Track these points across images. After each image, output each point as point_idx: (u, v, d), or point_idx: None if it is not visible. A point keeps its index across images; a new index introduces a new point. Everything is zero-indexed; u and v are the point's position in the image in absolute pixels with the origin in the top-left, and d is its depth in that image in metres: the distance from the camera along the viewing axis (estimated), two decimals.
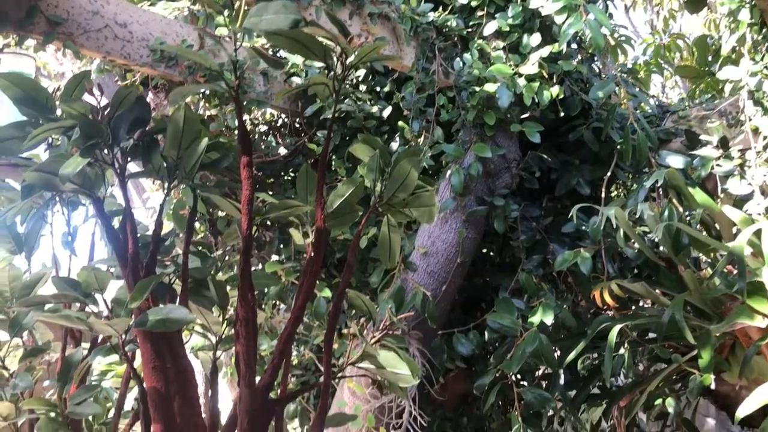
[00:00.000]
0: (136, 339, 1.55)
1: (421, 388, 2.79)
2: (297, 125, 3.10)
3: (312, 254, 1.46)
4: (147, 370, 1.38)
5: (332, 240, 3.07)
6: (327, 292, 2.63)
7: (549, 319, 2.55)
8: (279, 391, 1.45)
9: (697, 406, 2.88)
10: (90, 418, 2.21)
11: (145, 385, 1.37)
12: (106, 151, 1.39)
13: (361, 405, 2.55)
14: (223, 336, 1.74)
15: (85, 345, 1.88)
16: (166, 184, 1.53)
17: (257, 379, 1.40)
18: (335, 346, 2.61)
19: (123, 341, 1.26)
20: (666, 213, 2.57)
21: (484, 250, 3.21)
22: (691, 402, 2.68)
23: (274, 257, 3.14)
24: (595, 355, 3.08)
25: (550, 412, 3.30)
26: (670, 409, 2.63)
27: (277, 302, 2.84)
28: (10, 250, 1.90)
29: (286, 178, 3.15)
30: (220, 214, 2.88)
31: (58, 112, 1.53)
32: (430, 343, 2.74)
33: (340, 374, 1.43)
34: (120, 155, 1.46)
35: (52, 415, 1.62)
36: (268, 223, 3.18)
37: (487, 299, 3.22)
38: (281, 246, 3.00)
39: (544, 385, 2.79)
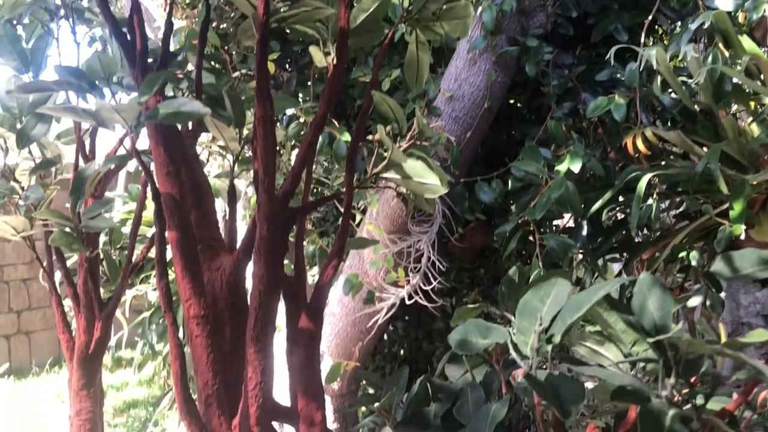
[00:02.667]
0: (148, 152, 1.48)
1: (440, 237, 2.76)
2: None
3: (335, 61, 1.35)
4: (161, 176, 1.31)
5: (351, 86, 2.95)
6: (347, 136, 2.54)
7: (576, 167, 2.45)
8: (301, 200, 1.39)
9: None
10: (108, 245, 2.20)
11: (160, 190, 1.31)
12: None
13: (380, 247, 2.52)
14: (240, 157, 1.67)
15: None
16: None
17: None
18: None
19: (134, 140, 1.18)
20: (710, 57, 2.41)
21: (511, 101, 3.08)
22: (717, 252, 2.62)
23: None
24: (621, 213, 3.02)
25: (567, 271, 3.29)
26: (694, 262, 2.58)
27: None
28: (15, 68, 1.81)
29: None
30: (234, 53, 2.74)
31: None
32: (451, 190, 2.67)
33: (362, 185, 1.36)
34: None
35: (67, 230, 1.59)
36: (287, 66, 3.04)
37: (511, 154, 3.12)
38: (298, 88, 2.87)
39: None
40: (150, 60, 1.48)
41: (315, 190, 3.27)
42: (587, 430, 1.18)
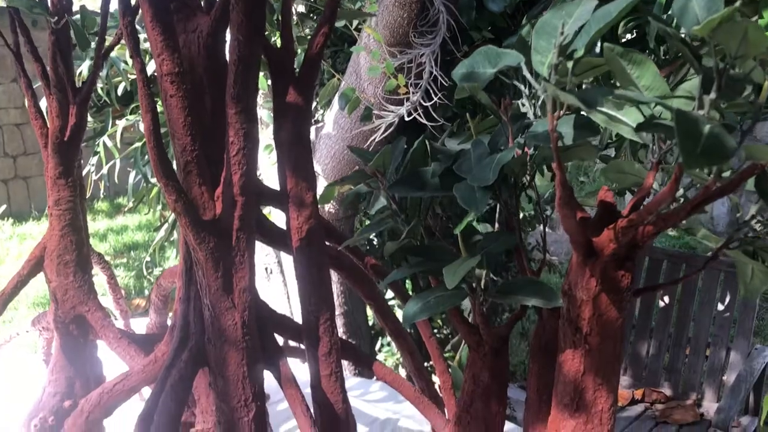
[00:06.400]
0: None
1: (444, 56, 2.58)
2: None
3: None
4: None
5: None
6: None
7: None
8: None
9: None
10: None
11: None
12: None
13: (378, 55, 2.35)
14: None
15: None
16: None
17: None
18: None
19: None
20: None
21: None
22: None
23: None
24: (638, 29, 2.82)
25: None
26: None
27: None
28: None
29: None
30: None
31: None
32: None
33: None
34: None
35: None
36: None
37: None
38: None
39: None
40: None
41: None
42: (600, 193, 1.07)
